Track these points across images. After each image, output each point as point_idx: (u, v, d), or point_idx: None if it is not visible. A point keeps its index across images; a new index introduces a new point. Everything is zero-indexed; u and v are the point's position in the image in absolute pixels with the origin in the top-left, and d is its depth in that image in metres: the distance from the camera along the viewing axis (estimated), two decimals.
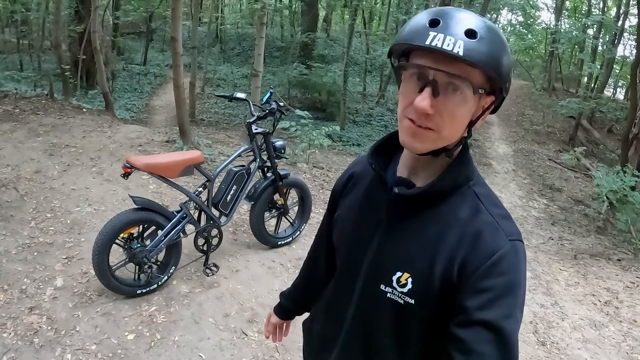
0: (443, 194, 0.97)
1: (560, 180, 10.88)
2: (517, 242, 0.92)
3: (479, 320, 0.85)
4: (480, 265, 0.87)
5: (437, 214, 0.96)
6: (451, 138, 0.92)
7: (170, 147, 6.11)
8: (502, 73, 0.87)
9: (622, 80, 21.39)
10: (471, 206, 0.95)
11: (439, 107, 0.86)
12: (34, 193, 4.39)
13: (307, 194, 4.16)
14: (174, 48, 6.08)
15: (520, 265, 0.90)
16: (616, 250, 6.64)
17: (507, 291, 0.86)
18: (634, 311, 4.43)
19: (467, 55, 0.81)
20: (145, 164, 2.94)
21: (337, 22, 25.69)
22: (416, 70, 0.88)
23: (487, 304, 0.85)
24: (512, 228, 0.93)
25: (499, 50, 0.86)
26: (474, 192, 0.97)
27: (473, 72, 0.84)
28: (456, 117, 0.88)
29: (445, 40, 0.81)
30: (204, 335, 2.88)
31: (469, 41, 0.81)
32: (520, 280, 0.89)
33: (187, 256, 3.51)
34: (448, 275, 0.90)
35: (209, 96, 14.53)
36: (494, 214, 0.94)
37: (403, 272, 0.96)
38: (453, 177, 0.96)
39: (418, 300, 0.94)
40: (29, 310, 2.88)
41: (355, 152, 11.54)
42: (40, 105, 6.81)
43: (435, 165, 0.99)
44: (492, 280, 0.86)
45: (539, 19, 23.77)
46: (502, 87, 0.90)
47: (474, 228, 0.92)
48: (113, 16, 14.55)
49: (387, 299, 0.98)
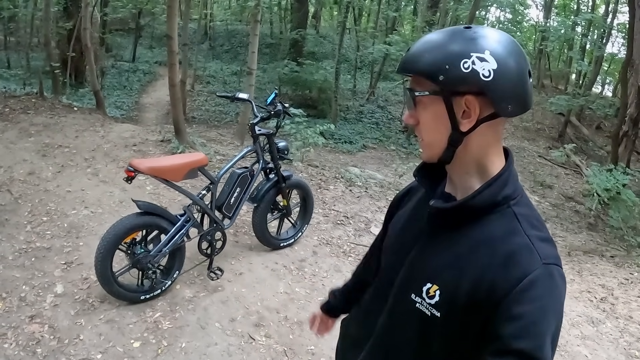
0: (479, 210, 0.95)
1: (550, 177, 10.97)
2: (553, 266, 0.89)
3: (513, 349, 0.83)
4: (510, 288, 0.85)
5: (471, 230, 0.95)
6: (433, 143, 0.99)
7: (165, 147, 6.03)
8: (431, 70, 0.92)
9: (610, 78, 21.65)
10: (507, 226, 0.93)
11: (415, 117, 1.00)
12: (29, 195, 4.30)
13: (310, 195, 4.13)
14: (170, 46, 5.99)
15: (556, 291, 0.88)
16: (609, 246, 6.71)
17: (541, 319, 0.84)
18: (629, 307, 4.47)
19: (399, 66, 0.98)
20: (149, 168, 2.89)
21: (327, 19, 25.63)
22: None
23: (521, 333, 0.83)
24: (549, 251, 0.91)
25: (423, 50, 0.95)
26: (514, 212, 0.94)
27: (416, 79, 0.97)
28: (424, 122, 0.98)
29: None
30: (211, 340, 2.84)
31: (405, 56, 0.97)
32: (555, 307, 0.87)
33: (190, 260, 3.46)
34: (475, 295, 0.89)
35: (199, 93, 14.43)
36: (531, 235, 0.91)
37: (433, 284, 0.96)
38: (490, 193, 0.94)
39: (443, 314, 0.94)
40: (29, 319, 2.82)
41: (347, 150, 11.52)
42: (30, 104, 6.68)
43: (472, 180, 0.99)
44: (524, 306, 0.84)
45: (528, 16, 23.93)
46: (439, 82, 0.91)
47: (507, 249, 0.90)
48: (102, 12, 14.34)
49: (415, 309, 0.98)
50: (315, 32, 19.58)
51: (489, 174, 0.97)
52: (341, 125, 12.94)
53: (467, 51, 0.89)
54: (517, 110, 0.93)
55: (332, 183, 6.12)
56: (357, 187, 6.21)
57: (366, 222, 5.03)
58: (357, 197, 5.81)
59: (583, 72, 17.01)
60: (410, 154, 11.79)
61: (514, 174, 0.99)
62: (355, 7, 16.69)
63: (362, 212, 5.28)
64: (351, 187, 6.12)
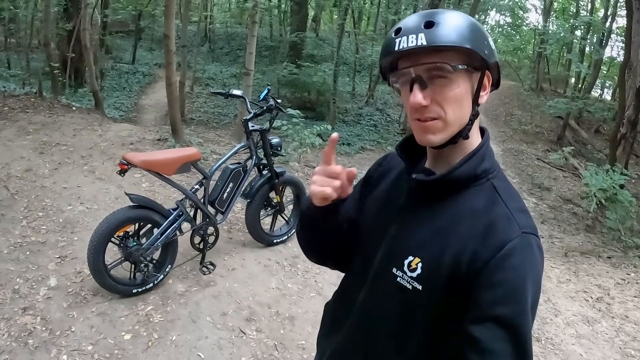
0: (460, 183, 0.97)
1: (549, 179, 10.95)
2: (531, 235, 0.90)
3: (493, 316, 0.84)
4: (491, 256, 0.86)
5: (453, 203, 0.97)
6: (458, 120, 0.95)
7: (162, 146, 6.06)
8: (472, 44, 0.91)
9: (609, 81, 21.66)
10: (488, 198, 0.95)
11: (432, 96, 0.92)
12: (25, 192, 4.32)
13: (303, 192, 4.13)
14: (167, 45, 6.03)
15: (534, 260, 0.89)
16: (606, 248, 6.71)
17: (520, 286, 0.85)
18: (625, 307, 4.47)
19: (431, 41, 0.88)
20: (142, 161, 2.91)
21: (326, 22, 25.70)
22: (402, 76, 0.97)
23: (500, 299, 0.84)
24: (527, 221, 0.92)
25: (461, 27, 0.91)
26: (493, 185, 0.98)
27: (447, 54, 0.91)
28: (451, 99, 0.93)
29: (408, 39, 0.90)
30: (202, 334, 2.85)
31: (429, 30, 0.89)
32: (533, 275, 0.88)
33: (183, 254, 3.48)
34: (457, 265, 0.90)
35: (198, 95, 14.43)
36: (510, 206, 0.93)
37: (414, 257, 0.96)
38: (470, 166, 0.97)
39: (425, 287, 0.94)
40: (22, 310, 2.84)
41: (345, 152, 11.52)
42: (29, 103, 6.71)
43: (455, 156, 1.00)
44: (504, 273, 0.85)
45: (527, 20, 24.03)
46: (481, 56, 0.93)
47: (488, 219, 0.91)
48: (102, 14, 14.39)
49: (396, 283, 0.98)
50: (314, 35, 19.62)
51: (468, 149, 1.00)
52: (339, 128, 12.94)
53: (486, 31, 0.97)
54: None
55: None
56: (353, 187, 6.20)
57: None
58: None
59: (582, 76, 17.02)
60: None
61: (491, 150, 1.03)
62: (355, 10, 16.75)
63: None
64: None
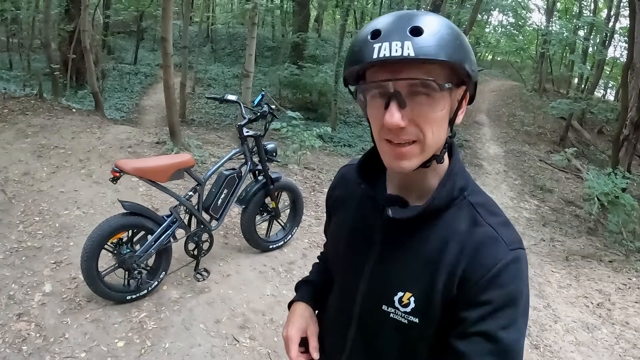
0: (439, 209, 0.93)
1: (551, 181, 10.90)
2: (518, 250, 0.89)
3: (478, 331, 0.83)
4: (480, 278, 0.85)
5: (435, 230, 0.93)
6: (436, 143, 0.87)
7: (160, 149, 6.05)
8: (460, 59, 0.80)
9: (612, 82, 21.55)
10: (468, 218, 0.92)
11: (411, 116, 0.81)
12: (22, 196, 4.32)
13: (299, 197, 4.12)
14: (164, 48, 6.02)
15: (522, 274, 0.88)
16: (607, 251, 6.66)
17: (508, 302, 0.85)
18: (626, 313, 4.43)
19: (419, 53, 0.75)
20: (134, 168, 2.90)
21: (329, 22, 25.65)
22: (376, 88, 0.83)
23: (486, 316, 0.84)
24: (512, 236, 0.91)
25: (450, 37, 0.79)
26: (470, 202, 0.94)
27: (432, 68, 0.79)
28: (432, 121, 0.83)
29: (391, 47, 0.76)
30: (194, 341, 2.84)
31: (417, 39, 0.76)
32: (521, 289, 0.87)
33: (177, 261, 3.47)
34: (449, 290, 0.88)
35: (199, 96, 14.44)
36: (492, 223, 0.91)
37: (405, 292, 0.93)
38: (447, 191, 0.92)
39: (422, 319, 0.91)
40: (17, 316, 2.84)
41: (346, 153, 11.51)
42: (29, 105, 6.72)
43: (428, 179, 0.96)
44: (492, 292, 0.84)
45: (530, 20, 23.91)
46: (468, 72, 0.83)
47: (473, 241, 0.89)
48: (103, 15, 14.42)
49: (390, 320, 0.95)
50: (316, 36, 19.60)
51: (441, 169, 0.95)
52: (340, 129, 12.93)
53: (468, 43, 0.86)
54: None
55: (327, 186, 6.11)
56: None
57: None
58: None
59: (585, 76, 16.95)
60: None
61: (461, 163, 0.97)
62: (357, 11, 16.72)
63: None
64: None
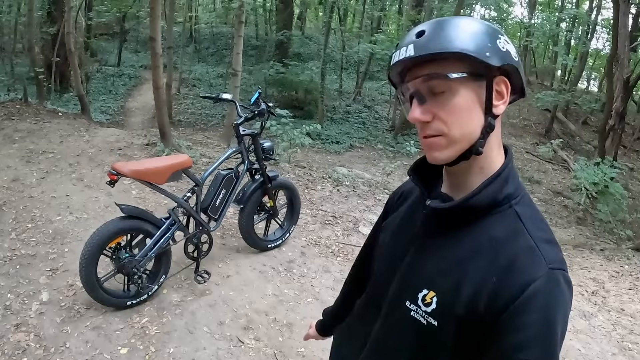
0: (479, 210, 0.88)
1: (538, 172, 11.04)
2: (559, 271, 0.82)
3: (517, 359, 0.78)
4: (515, 297, 0.79)
5: (472, 232, 0.89)
6: (465, 135, 0.86)
7: (150, 150, 5.98)
8: (465, 46, 0.83)
9: (595, 73, 21.86)
10: (510, 228, 0.86)
11: (433, 110, 0.87)
12: (13, 202, 4.23)
13: (296, 196, 4.10)
14: (153, 48, 5.94)
15: (562, 298, 0.81)
16: (598, 240, 6.76)
17: (546, 329, 0.79)
18: (620, 300, 4.49)
19: (419, 51, 0.84)
20: (132, 170, 2.84)
21: (312, 20, 25.63)
22: (406, 92, 0.92)
23: (526, 343, 0.78)
24: (554, 255, 0.84)
25: (455, 31, 0.85)
26: (516, 212, 0.88)
27: (443, 64, 0.85)
28: (454, 112, 0.86)
29: (400, 52, 0.87)
30: (199, 345, 2.80)
31: (418, 40, 0.85)
32: (561, 315, 0.81)
33: (177, 264, 3.42)
34: (475, 302, 0.83)
35: (185, 97, 14.34)
36: (535, 237, 0.85)
37: (429, 290, 0.90)
38: (491, 191, 0.87)
39: (440, 323, 0.87)
40: (14, 327, 2.76)
41: (334, 150, 11.51)
42: (14, 110, 6.60)
43: (472, 177, 0.92)
44: (529, 315, 0.78)
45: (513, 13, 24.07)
46: (483, 60, 0.83)
47: (509, 252, 0.83)
48: (86, 17, 14.21)
49: (410, 318, 0.92)
50: (300, 33, 19.58)
51: (490, 171, 0.90)
52: (328, 126, 12.94)
53: (496, 31, 0.87)
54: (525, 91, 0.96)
55: (320, 183, 6.10)
56: (344, 186, 6.19)
57: (354, 222, 5.00)
58: (344, 196, 5.79)
59: (568, 68, 17.15)
60: (397, 152, 11.79)
61: (515, 171, 0.93)
62: (340, 8, 16.72)
63: (350, 212, 5.25)
64: (339, 187, 6.10)
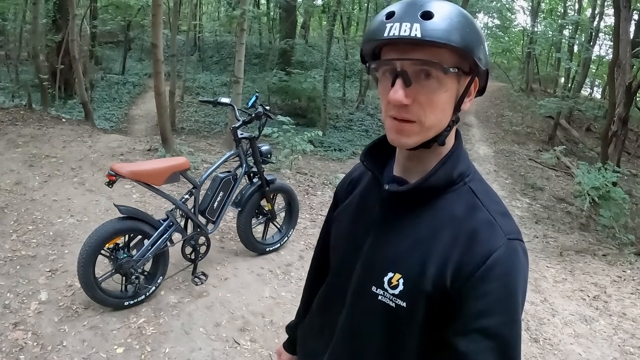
0: (436, 190, 0.91)
1: (541, 179, 10.99)
2: (517, 241, 0.86)
3: (479, 327, 0.80)
4: (476, 267, 0.81)
5: (431, 212, 0.91)
6: (437, 126, 0.88)
7: (152, 156, 6.03)
8: (469, 46, 0.82)
9: (598, 80, 21.84)
10: (467, 203, 0.90)
11: (415, 96, 0.83)
12: (15, 205, 4.27)
13: (294, 199, 4.11)
14: (155, 55, 6.01)
15: (520, 267, 0.84)
16: (600, 245, 6.72)
17: (506, 295, 0.81)
18: (622, 304, 4.47)
19: (426, 35, 0.78)
20: (130, 172, 2.87)
21: (315, 29, 25.75)
22: (385, 66, 0.86)
23: (485, 311, 0.80)
24: (511, 226, 0.88)
25: (460, 24, 0.82)
26: (470, 188, 0.92)
27: (440, 52, 0.81)
28: (435, 103, 0.85)
29: (401, 27, 0.79)
30: (195, 346, 2.81)
31: (426, 22, 0.79)
32: (520, 282, 0.83)
33: (175, 265, 3.44)
34: (441, 278, 0.84)
35: (188, 104, 14.41)
36: (491, 210, 0.88)
37: (395, 273, 0.90)
38: (445, 171, 0.91)
39: (410, 303, 0.88)
40: (13, 325, 2.78)
41: (337, 157, 11.53)
42: (18, 115, 6.67)
43: (428, 161, 0.94)
44: (489, 284, 0.81)
45: (516, 21, 24.17)
46: (476, 60, 0.84)
47: (469, 227, 0.86)
48: (90, 25, 14.35)
49: (378, 302, 0.92)
50: (304, 42, 19.69)
51: (442, 152, 0.93)
52: (331, 133, 12.97)
53: (482, 34, 0.88)
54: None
55: (320, 189, 6.12)
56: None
57: None
58: None
59: (571, 75, 17.16)
60: None
61: (465, 151, 0.97)
62: (344, 16, 16.81)
63: None
64: None
